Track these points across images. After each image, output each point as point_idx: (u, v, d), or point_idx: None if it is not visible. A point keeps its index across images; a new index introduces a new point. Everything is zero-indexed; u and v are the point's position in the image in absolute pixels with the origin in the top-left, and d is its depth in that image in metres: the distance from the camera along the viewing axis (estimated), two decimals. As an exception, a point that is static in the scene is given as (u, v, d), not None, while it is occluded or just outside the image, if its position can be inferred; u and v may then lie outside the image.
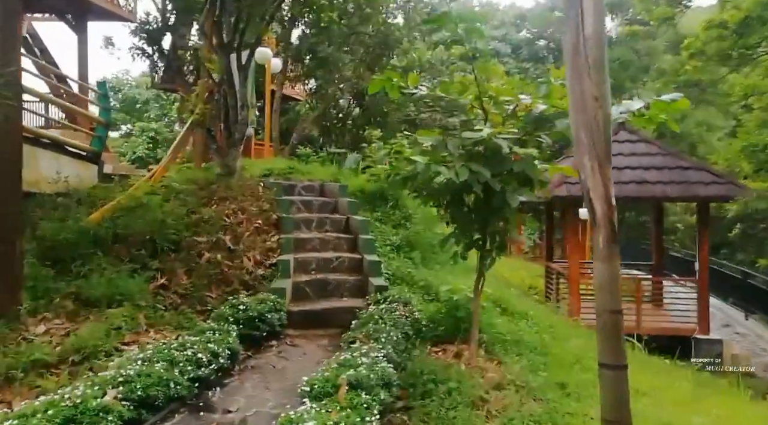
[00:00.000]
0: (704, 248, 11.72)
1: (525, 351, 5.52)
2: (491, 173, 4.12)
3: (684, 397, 5.73)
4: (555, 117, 4.19)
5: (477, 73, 4.25)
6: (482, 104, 4.45)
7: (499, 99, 4.41)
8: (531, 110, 4.30)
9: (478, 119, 4.67)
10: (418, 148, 4.11)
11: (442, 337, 5.46)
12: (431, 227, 8.45)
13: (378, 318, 5.04)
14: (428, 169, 3.76)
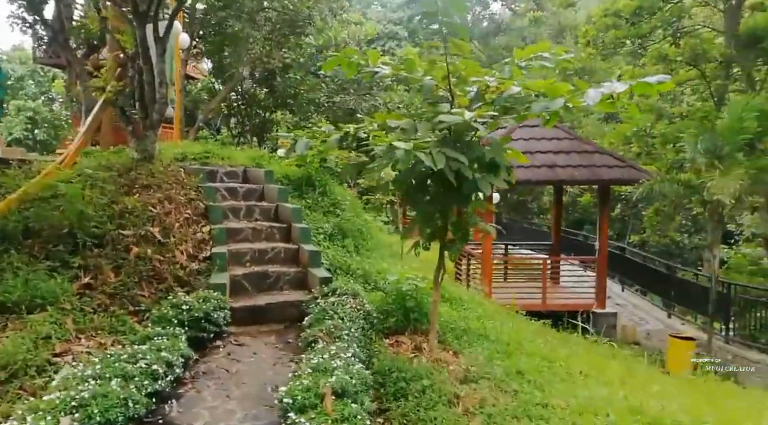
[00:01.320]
0: (604, 229, 12.48)
1: (473, 338, 5.47)
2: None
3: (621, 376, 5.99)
4: (529, 100, 4.08)
5: (449, 51, 4.05)
6: (450, 85, 4.26)
7: (469, 80, 4.24)
8: (502, 92, 4.17)
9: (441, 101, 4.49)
10: (397, 133, 3.85)
11: (393, 329, 5.30)
12: (359, 215, 8.24)
13: (332, 313, 4.76)
14: (409, 156, 3.52)
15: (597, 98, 3.67)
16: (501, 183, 4.24)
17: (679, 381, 7.34)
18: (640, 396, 4.74)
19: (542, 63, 4.25)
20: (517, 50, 4.28)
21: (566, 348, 7.30)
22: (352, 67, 4.33)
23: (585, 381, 5.20)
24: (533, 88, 4.06)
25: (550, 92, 3.94)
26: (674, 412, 4.14)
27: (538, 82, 4.09)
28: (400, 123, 4.02)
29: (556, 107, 3.83)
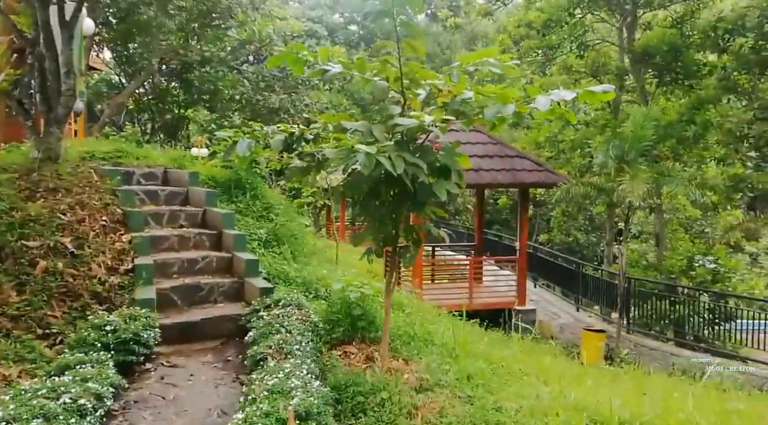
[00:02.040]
0: (524, 230, 12.80)
1: (421, 344, 5.32)
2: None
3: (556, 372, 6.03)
4: (481, 105, 3.94)
5: (402, 51, 3.83)
6: (402, 87, 4.04)
7: (422, 82, 4.05)
8: (455, 96, 4.01)
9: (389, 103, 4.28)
10: (357, 135, 3.56)
11: (340, 339, 5.02)
12: (294, 219, 7.84)
13: (279, 327, 4.42)
14: (372, 160, 3.25)
15: (547, 105, 3.62)
16: (454, 188, 4.08)
17: (601, 372, 7.57)
18: (578, 392, 4.77)
19: (490, 68, 4.11)
20: (464, 55, 4.15)
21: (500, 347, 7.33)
22: (299, 63, 4.02)
23: (527, 380, 5.19)
24: (485, 93, 3.95)
25: (501, 98, 3.84)
26: (617, 407, 4.15)
27: (489, 87, 4.02)
28: (356, 125, 3.76)
29: (507, 113, 3.75)
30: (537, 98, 3.64)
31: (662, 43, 16.72)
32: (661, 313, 14.83)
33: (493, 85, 4.17)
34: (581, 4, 18.47)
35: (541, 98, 3.63)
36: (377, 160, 3.33)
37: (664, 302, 14.82)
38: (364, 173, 3.74)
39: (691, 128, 14.92)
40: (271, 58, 4.21)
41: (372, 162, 3.23)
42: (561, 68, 20.99)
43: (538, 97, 3.64)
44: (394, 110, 4.09)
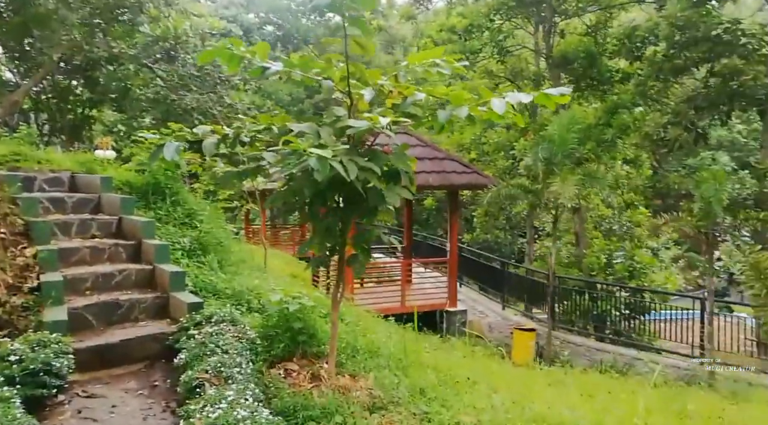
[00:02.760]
0: (454, 232, 12.87)
1: (365, 356, 5.09)
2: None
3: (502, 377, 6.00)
4: (433, 107, 3.79)
5: (349, 48, 3.60)
6: (349, 88, 3.81)
7: (372, 82, 3.83)
8: (405, 97, 3.83)
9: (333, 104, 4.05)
10: (310, 138, 3.27)
11: (280, 356, 4.69)
12: (219, 225, 7.37)
13: (214, 347, 4.05)
14: (325, 164, 2.99)
15: (503, 108, 3.52)
16: (407, 193, 3.89)
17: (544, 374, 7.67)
18: (529, 399, 4.73)
19: (437, 69, 3.96)
20: (411, 56, 3.99)
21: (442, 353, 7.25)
22: (234, 60, 3.69)
23: (477, 389, 5.09)
24: (437, 94, 3.80)
25: (454, 100, 3.71)
26: (575, 418, 4.13)
27: (441, 88, 3.88)
28: (302, 126, 3.48)
29: (461, 116, 3.62)
30: (492, 101, 3.53)
31: (579, 50, 17.48)
32: (584, 309, 15.45)
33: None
34: (500, 10, 18.97)
35: (496, 101, 3.51)
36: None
37: (585, 298, 15.46)
38: (310, 178, 3.48)
39: (609, 132, 15.66)
40: (201, 54, 3.86)
41: (326, 167, 2.98)
42: (482, 73, 21.47)
43: (493, 100, 3.52)
44: (338, 112, 3.86)
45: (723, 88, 13.43)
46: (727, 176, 9.46)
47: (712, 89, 13.80)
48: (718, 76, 13.45)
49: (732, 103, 13.74)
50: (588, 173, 11.27)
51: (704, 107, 14.08)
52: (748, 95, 13.33)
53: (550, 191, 10.44)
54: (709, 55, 14.06)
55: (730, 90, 13.36)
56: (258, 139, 4.12)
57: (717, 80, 13.49)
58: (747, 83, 12.73)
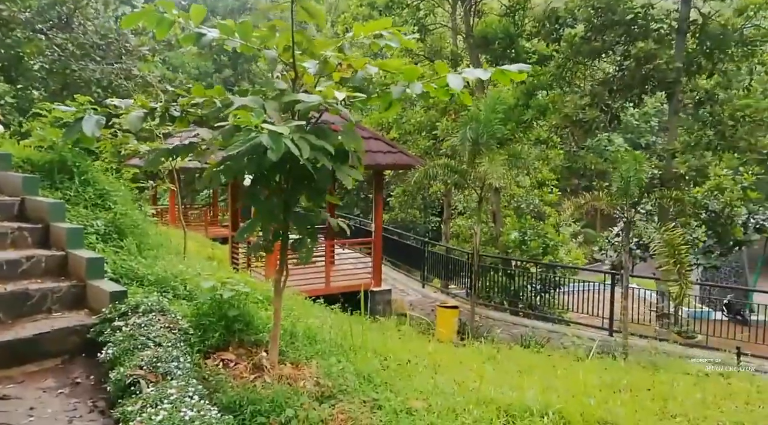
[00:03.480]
0: (379, 212, 12.86)
1: (304, 342, 4.95)
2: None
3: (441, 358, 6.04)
4: (386, 82, 3.65)
5: (296, 15, 3.38)
6: (294, 59, 3.59)
7: (318, 54, 3.63)
8: (356, 71, 3.67)
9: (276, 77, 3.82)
10: (261, 113, 3.00)
11: (215, 346, 4.45)
12: (134, 207, 6.87)
13: (146, 339, 3.75)
14: (280, 142, 2.78)
15: (460, 84, 3.47)
16: (358, 175, 3.76)
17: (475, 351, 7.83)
18: (471, 379, 4.79)
19: (386, 42, 3.82)
20: (357, 26, 3.83)
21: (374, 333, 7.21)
22: (163, 25, 3.38)
23: (418, 370, 5.09)
24: (389, 68, 3.68)
25: (408, 75, 3.60)
26: (525, 398, 4.20)
27: (394, 62, 3.76)
28: (246, 100, 3.23)
29: (416, 92, 3.52)
30: (447, 77, 3.45)
31: (498, 30, 17.80)
32: (501, 285, 16.05)
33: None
34: (420, -13, 18.94)
35: (453, 77, 3.44)
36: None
37: (502, 275, 16.07)
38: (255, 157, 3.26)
39: (528, 113, 16.15)
40: (125, 18, 3.49)
41: (281, 145, 2.77)
42: (401, 50, 21.41)
43: (449, 76, 3.44)
44: (279, 85, 3.64)
45: (637, 71, 14.13)
46: (644, 158, 10.02)
47: (627, 72, 14.52)
48: (632, 60, 14.14)
49: (644, 86, 14.53)
50: (513, 153, 11.58)
51: (618, 90, 14.81)
52: (658, 79, 14.12)
53: (479, 171, 10.64)
54: (626, 39, 14.76)
55: (643, 73, 14.09)
56: (190, 113, 3.83)
57: (631, 63, 14.20)
58: (660, 67, 13.46)
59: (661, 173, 14.54)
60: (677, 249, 8.26)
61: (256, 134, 2.86)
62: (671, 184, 13.49)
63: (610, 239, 24.94)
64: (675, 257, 8.19)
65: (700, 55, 14.80)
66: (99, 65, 11.72)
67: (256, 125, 2.82)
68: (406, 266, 20.17)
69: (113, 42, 13.17)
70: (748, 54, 14.79)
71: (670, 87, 14.22)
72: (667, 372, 6.51)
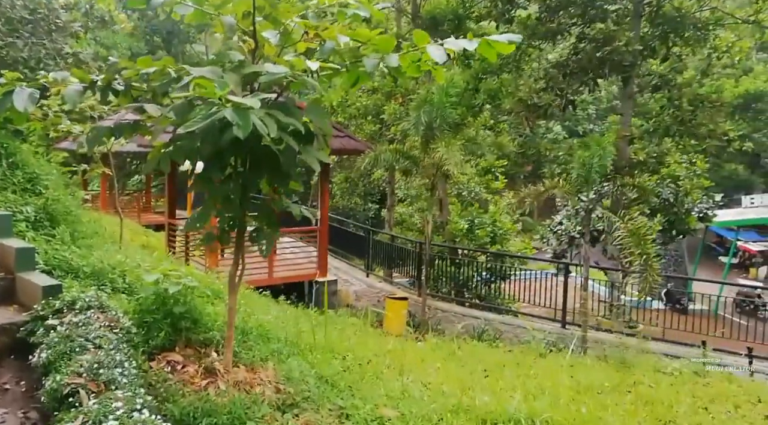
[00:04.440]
0: (325, 200, 12.56)
1: (256, 341, 4.66)
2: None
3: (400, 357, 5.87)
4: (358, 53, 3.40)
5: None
6: (255, 27, 3.29)
7: (282, 21, 3.33)
8: (323, 40, 3.39)
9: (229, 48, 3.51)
10: (225, 87, 2.68)
11: (159, 346, 4.11)
12: (66, 192, 6.35)
13: (83, 341, 3.38)
14: (247, 118, 2.49)
15: (442, 56, 3.24)
16: (325, 157, 3.50)
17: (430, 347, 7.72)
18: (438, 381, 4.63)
19: (354, 11, 3.56)
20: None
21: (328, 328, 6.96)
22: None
23: (382, 371, 4.90)
24: (361, 38, 3.42)
25: (382, 46, 3.35)
26: (498, 404, 4.06)
27: (365, 31, 3.49)
28: (203, 71, 2.90)
29: (391, 64, 3.28)
30: (427, 48, 3.20)
31: (448, 11, 17.65)
32: (449, 275, 16.04)
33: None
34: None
35: (433, 48, 3.19)
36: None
37: (449, 264, 16.02)
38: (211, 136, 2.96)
39: (479, 97, 16.10)
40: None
41: (248, 122, 2.48)
42: (344, 30, 20.96)
43: (429, 47, 3.20)
44: (235, 56, 3.33)
45: (594, 53, 14.16)
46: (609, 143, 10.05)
47: (583, 55, 14.57)
48: (589, 42, 14.18)
49: (600, 70, 14.62)
50: (469, 138, 11.48)
51: (573, 73, 14.88)
52: (615, 62, 14.21)
53: (434, 157, 10.49)
54: (582, 20, 14.76)
55: (600, 56, 14.15)
56: (134, 88, 3.46)
57: (589, 46, 14.24)
58: (619, 49, 13.54)
59: (614, 159, 14.78)
60: (643, 239, 8.36)
61: (218, 108, 2.56)
62: (625, 171, 13.71)
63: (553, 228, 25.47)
64: (641, 248, 8.28)
65: (655, 39, 15.00)
66: (27, 42, 10.80)
67: (220, 98, 2.51)
68: (347, 255, 19.88)
69: (43, 18, 12.26)
70: (702, 38, 15.09)
71: (626, 71, 14.36)
72: (638, 369, 6.54)
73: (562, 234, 19.89)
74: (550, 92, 14.57)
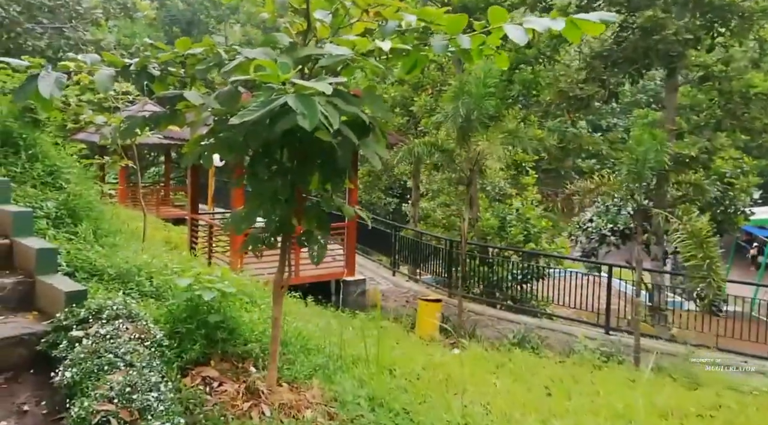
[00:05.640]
0: (354, 196, 12.24)
1: (299, 353, 4.35)
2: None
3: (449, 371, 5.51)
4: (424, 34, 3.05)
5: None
6: (308, 6, 2.94)
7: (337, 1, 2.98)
8: (386, 20, 3.04)
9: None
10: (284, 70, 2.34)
11: (193, 359, 3.80)
12: (89, 186, 6.07)
13: (112, 357, 3.07)
14: (314, 108, 2.15)
15: (522, 38, 2.86)
16: (384, 152, 3.15)
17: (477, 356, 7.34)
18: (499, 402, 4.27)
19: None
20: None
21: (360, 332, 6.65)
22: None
23: (435, 388, 4.55)
24: (428, 17, 3.06)
25: (451, 25, 2.99)
26: None
27: (431, 9, 3.13)
28: (255, 52, 2.56)
29: (463, 46, 2.92)
30: (506, 28, 2.83)
31: (480, 0, 17.16)
32: (481, 275, 15.56)
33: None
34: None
35: (512, 28, 2.82)
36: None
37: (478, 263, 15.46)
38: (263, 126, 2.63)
39: (515, 88, 15.61)
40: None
41: (316, 111, 2.14)
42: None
43: (508, 27, 2.82)
44: (283, 39, 2.99)
45: (640, 42, 13.57)
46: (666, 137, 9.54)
47: (627, 44, 13.99)
48: (636, 30, 13.60)
49: (646, 60, 14.02)
50: (511, 131, 11.06)
51: (618, 63, 14.31)
52: (662, 51, 13.62)
53: (471, 151, 10.09)
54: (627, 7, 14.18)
55: (646, 45, 13.56)
56: (171, 73, 3.15)
57: (630, 35, 13.68)
58: (668, 37, 12.95)
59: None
60: (705, 242, 7.86)
61: (278, 94, 2.21)
62: (671, 167, 13.12)
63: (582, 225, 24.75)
64: (703, 251, 7.78)
65: (699, 28, 14.41)
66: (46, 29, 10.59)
67: (284, 82, 2.17)
68: (370, 251, 19.48)
69: (63, 4, 12.06)
70: (747, 29, 14.45)
71: (673, 61, 13.76)
72: (710, 387, 6.08)
73: (593, 232, 19.37)
74: (593, 83, 14.01)
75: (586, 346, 8.81)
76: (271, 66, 2.19)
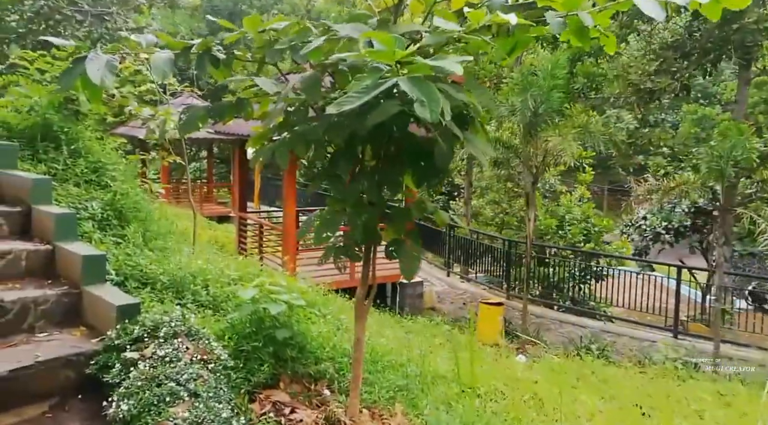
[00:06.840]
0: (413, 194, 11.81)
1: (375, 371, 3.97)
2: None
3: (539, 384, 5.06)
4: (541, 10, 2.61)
5: None
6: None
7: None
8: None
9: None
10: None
11: (261, 381, 3.45)
12: (136, 184, 5.80)
13: (174, 384, 2.74)
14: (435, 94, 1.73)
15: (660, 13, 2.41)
16: (490, 149, 2.72)
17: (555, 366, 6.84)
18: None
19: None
20: None
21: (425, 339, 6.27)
22: None
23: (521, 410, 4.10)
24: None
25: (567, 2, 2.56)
26: None
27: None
28: (347, 29, 2.15)
29: (586, 23, 2.50)
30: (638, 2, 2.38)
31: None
32: (540, 277, 15.00)
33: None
34: None
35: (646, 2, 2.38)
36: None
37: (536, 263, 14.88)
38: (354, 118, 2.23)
39: (579, 81, 14.94)
40: None
41: (437, 99, 1.72)
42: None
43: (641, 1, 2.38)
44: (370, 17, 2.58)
45: (717, 32, 12.77)
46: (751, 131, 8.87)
47: (703, 33, 13.18)
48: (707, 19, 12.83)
49: (722, 51, 13.20)
50: (583, 126, 10.47)
51: (691, 54, 13.51)
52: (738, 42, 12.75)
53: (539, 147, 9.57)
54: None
55: (722, 35, 12.74)
56: (236, 57, 2.78)
57: (707, 23, 12.86)
58: (747, 26, 12.12)
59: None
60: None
61: (385, 78, 1.80)
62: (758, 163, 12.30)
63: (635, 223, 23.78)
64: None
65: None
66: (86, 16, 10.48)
67: (398, 62, 1.76)
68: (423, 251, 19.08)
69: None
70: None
71: (749, 52, 12.90)
72: None
73: (646, 230, 18.70)
74: (665, 75, 13.22)
75: (667, 356, 8.24)
76: (387, 41, 1.77)
